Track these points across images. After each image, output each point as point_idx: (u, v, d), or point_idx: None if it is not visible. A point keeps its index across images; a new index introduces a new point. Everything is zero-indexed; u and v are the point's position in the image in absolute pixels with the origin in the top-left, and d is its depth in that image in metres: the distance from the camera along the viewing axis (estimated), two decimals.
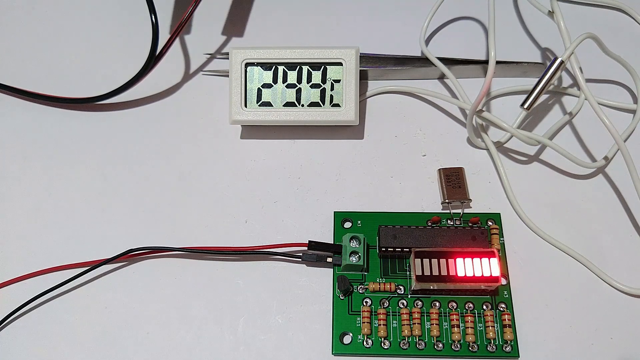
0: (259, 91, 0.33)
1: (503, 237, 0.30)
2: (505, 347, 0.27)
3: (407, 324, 0.28)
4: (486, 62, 0.35)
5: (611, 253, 0.30)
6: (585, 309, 0.29)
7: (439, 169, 0.32)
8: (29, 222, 0.33)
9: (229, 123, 0.33)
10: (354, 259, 0.28)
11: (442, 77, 0.37)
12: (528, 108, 0.30)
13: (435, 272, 0.27)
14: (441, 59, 0.35)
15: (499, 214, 0.31)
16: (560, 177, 0.32)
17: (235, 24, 0.40)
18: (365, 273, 0.29)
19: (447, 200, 0.31)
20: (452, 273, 0.27)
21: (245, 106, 0.33)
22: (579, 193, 0.32)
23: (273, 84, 0.33)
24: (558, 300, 0.29)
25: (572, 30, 0.30)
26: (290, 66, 0.33)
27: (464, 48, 0.37)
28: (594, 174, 0.32)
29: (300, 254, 0.29)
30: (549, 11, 0.33)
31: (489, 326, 0.27)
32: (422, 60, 0.36)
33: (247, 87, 0.33)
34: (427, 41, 0.38)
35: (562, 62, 0.29)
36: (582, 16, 0.38)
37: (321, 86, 0.33)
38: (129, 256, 0.30)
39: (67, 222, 0.32)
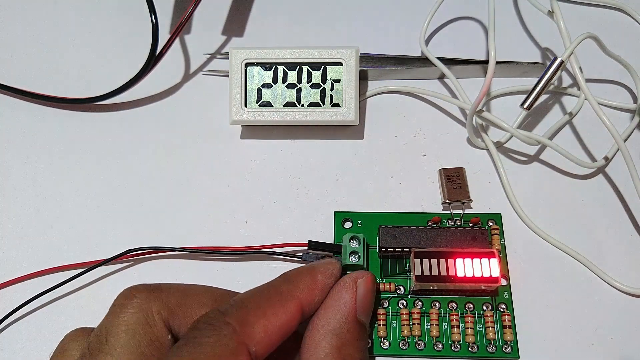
0: (259, 91, 0.33)
1: (504, 237, 0.30)
2: (505, 348, 0.27)
3: (406, 324, 0.28)
4: (486, 62, 0.35)
5: (611, 253, 0.30)
6: (585, 309, 0.29)
7: (440, 169, 0.32)
8: (28, 222, 0.33)
9: (229, 123, 0.33)
10: (354, 259, 0.28)
11: (442, 77, 0.36)
12: (528, 108, 0.30)
13: (435, 273, 0.27)
14: (441, 59, 0.35)
15: (500, 214, 0.31)
16: (560, 177, 0.32)
17: (235, 24, 0.40)
18: None
19: (447, 201, 0.31)
20: (452, 273, 0.27)
21: (245, 106, 0.33)
22: (579, 193, 0.32)
23: (273, 84, 0.33)
24: (558, 300, 0.29)
25: (572, 30, 0.30)
26: (290, 66, 0.33)
27: (464, 48, 0.37)
28: (594, 174, 0.32)
29: (300, 254, 0.29)
30: (549, 11, 0.33)
31: (489, 327, 0.27)
32: (422, 60, 0.36)
33: (247, 87, 0.33)
34: (427, 41, 0.38)
35: (562, 62, 0.29)
36: (582, 16, 0.38)
37: (321, 86, 0.33)
38: (129, 256, 0.30)
39: (67, 222, 0.32)
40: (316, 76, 0.33)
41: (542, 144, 0.31)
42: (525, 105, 0.30)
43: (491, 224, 0.30)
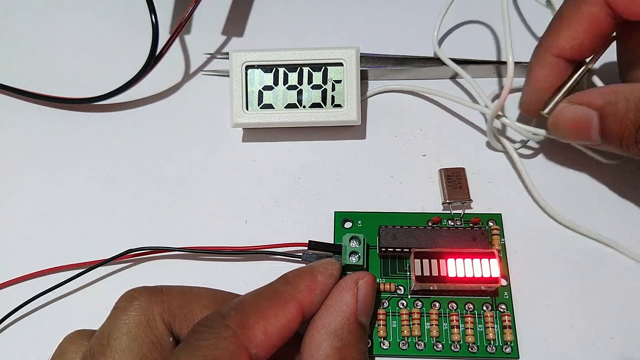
0: (260, 93, 0.33)
1: (504, 237, 0.30)
2: (505, 348, 0.27)
3: (406, 325, 0.28)
4: (491, 62, 0.35)
5: (612, 253, 0.30)
6: (585, 309, 0.29)
7: (440, 169, 0.32)
8: (29, 222, 0.33)
9: (231, 126, 0.33)
10: (354, 259, 0.28)
11: (441, 77, 0.36)
12: (549, 113, 0.30)
13: (435, 273, 0.27)
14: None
15: (500, 214, 0.31)
16: (564, 177, 0.32)
17: (235, 24, 0.40)
18: None
19: (447, 201, 0.31)
20: (451, 274, 0.27)
21: (247, 109, 0.33)
22: (582, 193, 0.32)
23: (274, 86, 0.33)
24: (558, 300, 0.29)
25: None
26: (291, 68, 0.33)
27: (464, 48, 0.37)
28: (603, 173, 0.32)
29: (300, 254, 0.29)
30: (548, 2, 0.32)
31: (488, 327, 0.27)
32: (422, 60, 0.36)
33: (248, 90, 0.33)
34: (427, 40, 0.37)
35: (588, 70, 0.29)
36: None
37: (322, 87, 0.33)
38: (129, 256, 0.30)
39: (67, 222, 0.32)
40: (317, 77, 0.33)
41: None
42: (545, 111, 0.29)
43: (491, 224, 0.30)
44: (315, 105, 0.33)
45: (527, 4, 0.37)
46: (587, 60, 0.29)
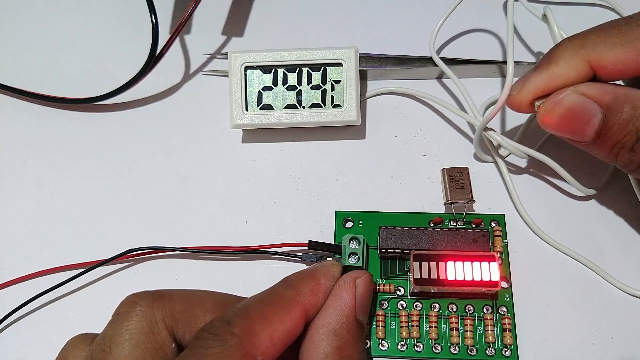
0: (259, 94, 0.33)
1: (506, 238, 0.30)
2: (505, 351, 0.27)
3: (405, 326, 0.28)
4: (489, 62, 0.35)
5: (613, 253, 0.30)
6: (586, 309, 0.28)
7: (443, 169, 0.31)
8: (29, 222, 0.33)
9: (231, 127, 0.33)
10: (353, 260, 0.28)
11: (441, 77, 0.36)
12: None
13: (434, 276, 0.27)
14: (443, 59, 0.35)
15: (503, 215, 0.30)
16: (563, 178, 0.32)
17: (235, 24, 0.40)
18: None
19: (450, 201, 0.30)
20: (450, 277, 0.26)
21: (246, 110, 0.33)
22: (583, 194, 0.32)
23: (273, 87, 0.33)
24: (559, 301, 0.29)
25: (565, 29, 0.30)
26: (290, 68, 0.33)
27: (464, 48, 0.37)
28: (599, 177, 0.32)
29: (300, 254, 0.29)
30: (543, 15, 0.32)
31: (488, 330, 0.27)
32: (422, 60, 0.36)
33: (247, 91, 0.33)
34: (428, 39, 0.37)
35: None
36: (574, 15, 0.38)
37: (322, 87, 0.33)
38: (129, 256, 0.30)
39: (67, 222, 0.32)
40: (316, 77, 0.33)
41: (546, 163, 0.30)
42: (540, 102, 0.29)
43: (494, 224, 0.30)
44: (314, 106, 0.33)
45: (522, 12, 0.37)
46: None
